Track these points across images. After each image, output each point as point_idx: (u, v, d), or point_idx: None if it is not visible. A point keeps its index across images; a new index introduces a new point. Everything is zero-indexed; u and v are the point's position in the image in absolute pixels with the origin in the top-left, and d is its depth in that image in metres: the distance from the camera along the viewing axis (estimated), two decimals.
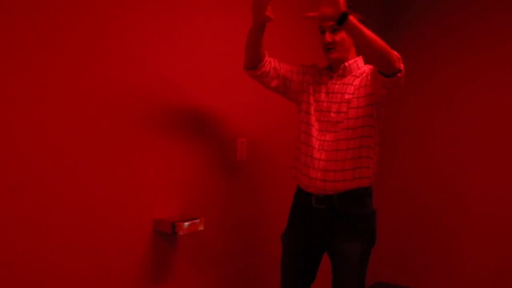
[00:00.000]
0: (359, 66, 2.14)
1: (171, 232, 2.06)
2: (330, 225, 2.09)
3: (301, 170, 2.15)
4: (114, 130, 1.95)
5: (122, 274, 2.00)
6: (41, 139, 1.72)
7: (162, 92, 2.13)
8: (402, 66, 1.90)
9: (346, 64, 2.12)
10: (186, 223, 2.09)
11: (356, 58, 2.15)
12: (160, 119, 2.12)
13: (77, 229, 1.84)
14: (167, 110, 2.15)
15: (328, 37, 2.07)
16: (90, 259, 1.89)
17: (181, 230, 2.07)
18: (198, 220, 2.15)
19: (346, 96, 2.08)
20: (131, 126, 2.01)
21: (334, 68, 2.16)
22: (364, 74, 2.08)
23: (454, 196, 3.45)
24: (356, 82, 2.09)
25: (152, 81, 2.09)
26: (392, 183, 3.75)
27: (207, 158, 2.35)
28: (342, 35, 2.07)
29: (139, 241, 2.06)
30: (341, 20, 1.76)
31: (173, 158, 2.19)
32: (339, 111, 2.07)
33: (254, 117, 2.60)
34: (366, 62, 2.11)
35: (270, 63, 2.20)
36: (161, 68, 2.12)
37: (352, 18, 1.78)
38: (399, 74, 1.88)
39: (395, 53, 1.88)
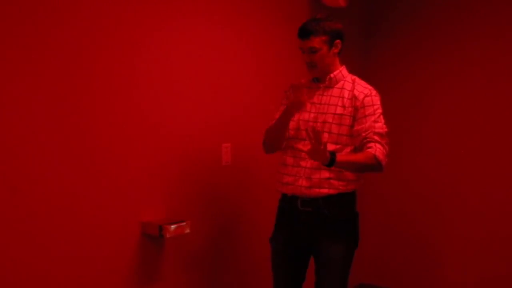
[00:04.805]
0: (344, 76, 2.22)
1: (158, 234, 2.12)
2: (315, 227, 2.16)
3: (286, 180, 2.20)
4: (101, 133, 2.00)
5: (110, 276, 2.05)
6: (29, 142, 1.77)
7: (150, 97, 2.19)
8: (384, 164, 2.11)
9: (332, 75, 2.19)
10: (173, 226, 2.15)
11: (340, 68, 2.22)
12: (147, 123, 2.18)
13: (65, 232, 1.88)
14: (153, 115, 2.21)
15: (307, 57, 2.16)
16: (79, 262, 1.93)
17: (168, 233, 2.12)
18: (184, 223, 2.20)
19: (332, 109, 2.16)
20: (119, 130, 2.07)
21: (320, 79, 2.23)
22: (358, 96, 2.14)
23: (438, 200, 3.53)
24: (345, 94, 2.16)
25: (142, 87, 2.14)
26: (376, 185, 3.82)
27: (194, 162, 2.41)
28: (321, 54, 2.13)
29: (127, 243, 2.11)
30: (330, 164, 1.98)
31: (160, 162, 2.24)
32: (325, 121, 2.15)
33: (239, 123, 2.66)
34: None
35: None
36: (148, 73, 2.18)
37: (339, 159, 1.98)
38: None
39: (379, 158, 2.07)
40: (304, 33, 2.13)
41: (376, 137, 2.09)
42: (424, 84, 3.57)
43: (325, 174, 2.11)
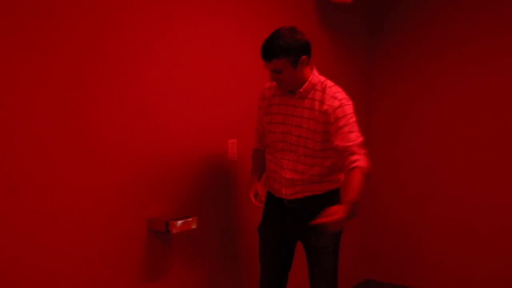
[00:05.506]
0: (314, 84, 2.14)
1: (164, 230, 2.12)
2: (302, 221, 2.20)
3: (272, 185, 2.29)
4: (107, 130, 2.00)
5: (117, 272, 2.06)
6: (39, 140, 1.77)
7: (157, 95, 2.19)
8: (368, 173, 2.02)
9: (301, 90, 2.13)
10: (179, 222, 2.15)
11: (310, 77, 2.13)
12: (152, 120, 2.18)
13: (72, 229, 1.89)
14: (159, 112, 2.21)
15: (273, 77, 2.10)
16: (86, 258, 1.94)
17: (175, 229, 2.13)
18: (190, 219, 2.21)
19: (305, 123, 2.13)
20: (125, 127, 2.07)
21: (292, 90, 2.18)
22: (327, 111, 2.07)
23: (440, 197, 3.53)
24: (316, 106, 2.11)
25: (150, 84, 2.14)
26: (381, 182, 3.82)
27: (200, 158, 2.41)
28: (285, 74, 2.06)
29: (134, 239, 2.12)
30: (352, 216, 1.86)
31: (167, 158, 2.25)
32: (299, 135, 2.15)
33: (245, 120, 2.66)
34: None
35: (263, 144, 2.38)
36: (155, 70, 2.17)
37: (357, 204, 1.87)
38: None
39: (366, 171, 1.98)
40: (266, 56, 2.04)
41: (355, 149, 2.01)
42: (428, 81, 3.56)
43: (307, 181, 2.18)
